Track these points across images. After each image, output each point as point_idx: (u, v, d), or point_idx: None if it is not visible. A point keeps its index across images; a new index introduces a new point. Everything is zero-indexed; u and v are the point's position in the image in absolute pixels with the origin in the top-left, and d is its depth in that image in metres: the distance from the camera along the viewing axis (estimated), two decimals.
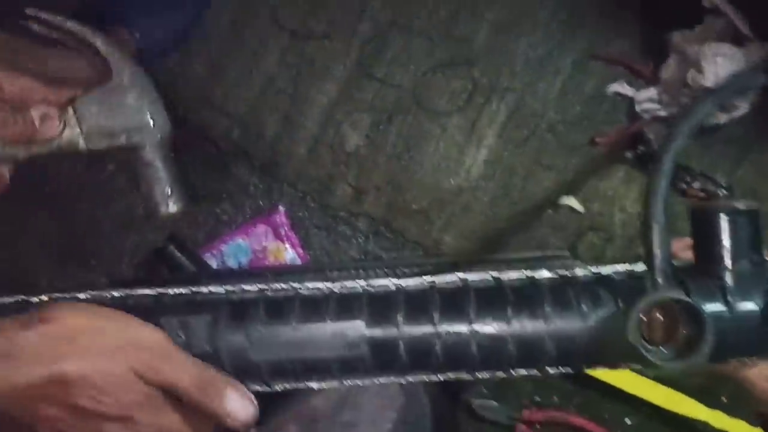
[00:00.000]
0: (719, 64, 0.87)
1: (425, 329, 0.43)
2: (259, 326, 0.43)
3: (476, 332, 0.43)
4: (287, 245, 1.01)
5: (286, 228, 1.01)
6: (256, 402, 0.46)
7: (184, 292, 0.46)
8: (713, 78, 0.87)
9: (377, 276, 0.46)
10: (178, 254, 0.97)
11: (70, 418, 0.44)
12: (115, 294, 0.46)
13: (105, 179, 1.03)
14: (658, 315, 0.40)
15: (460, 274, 0.45)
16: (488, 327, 0.43)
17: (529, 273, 0.46)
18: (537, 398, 1.04)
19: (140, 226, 1.02)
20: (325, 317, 0.44)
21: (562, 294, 0.43)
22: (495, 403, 1.02)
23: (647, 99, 0.95)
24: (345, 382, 0.48)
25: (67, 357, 0.44)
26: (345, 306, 0.44)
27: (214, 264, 1.01)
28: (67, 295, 0.46)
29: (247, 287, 0.45)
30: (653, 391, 1.02)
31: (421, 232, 1.00)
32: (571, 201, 0.98)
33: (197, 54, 1.00)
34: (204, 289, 0.45)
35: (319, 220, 1.01)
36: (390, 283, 0.46)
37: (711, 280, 0.43)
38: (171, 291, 0.46)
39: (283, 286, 0.45)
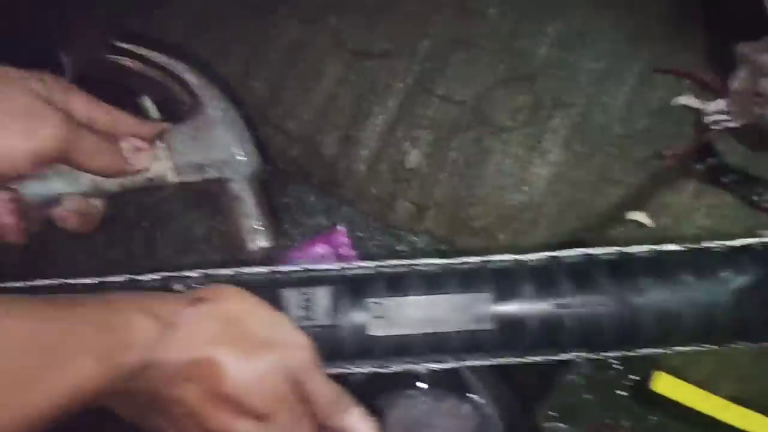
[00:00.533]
0: None
1: (554, 303, 0.41)
2: (380, 300, 0.42)
3: (607, 305, 0.41)
4: None
5: (346, 247, 0.99)
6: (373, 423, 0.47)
7: (298, 269, 0.45)
8: None
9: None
10: None
11: (209, 404, 0.44)
12: (229, 272, 0.45)
13: (161, 200, 1.03)
14: None
15: (584, 249, 0.43)
16: (620, 299, 0.41)
17: (655, 246, 0.44)
18: (606, 420, 1.01)
19: (198, 247, 1.01)
20: (449, 291, 0.42)
21: (699, 262, 0.41)
22: (564, 425, 0.98)
23: (716, 110, 0.93)
24: (464, 362, 0.46)
25: (224, 343, 0.44)
26: (469, 280, 0.42)
27: None
28: (195, 273, 0.46)
29: (364, 264, 0.44)
30: (726, 410, 0.98)
31: (484, 249, 0.98)
32: (639, 216, 0.96)
33: (256, 73, 1.00)
34: (319, 267, 0.44)
35: (380, 239, 1.00)
36: (511, 258, 0.44)
37: None
38: (285, 268, 0.45)
39: (400, 262, 0.44)
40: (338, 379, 0.47)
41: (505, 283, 0.42)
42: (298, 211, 1.01)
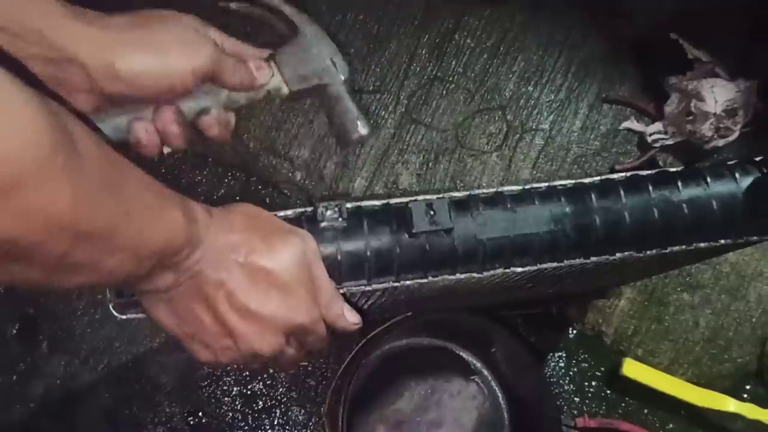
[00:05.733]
0: (716, 92, 1.05)
1: (615, 204, 0.54)
2: (482, 211, 0.53)
3: (657, 200, 0.53)
4: None
5: None
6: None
7: (406, 199, 0.55)
8: (713, 103, 1.05)
9: None
10: None
11: (246, 281, 0.51)
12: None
13: None
14: None
15: (629, 173, 0.56)
16: (666, 195, 0.54)
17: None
18: (584, 408, 1.12)
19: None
20: (534, 201, 0.54)
21: (718, 168, 0.55)
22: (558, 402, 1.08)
23: (655, 131, 1.12)
24: (543, 264, 0.56)
25: (255, 229, 0.53)
26: (547, 194, 0.54)
27: None
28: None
29: (456, 193, 0.55)
30: (689, 391, 1.11)
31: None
32: None
33: (262, 107, 1.12)
34: (420, 196, 0.55)
35: None
36: (571, 181, 0.57)
37: None
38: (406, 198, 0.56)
39: (488, 190, 0.55)
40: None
41: (574, 193, 0.55)
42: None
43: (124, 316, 0.56)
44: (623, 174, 0.58)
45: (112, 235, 0.41)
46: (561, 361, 1.15)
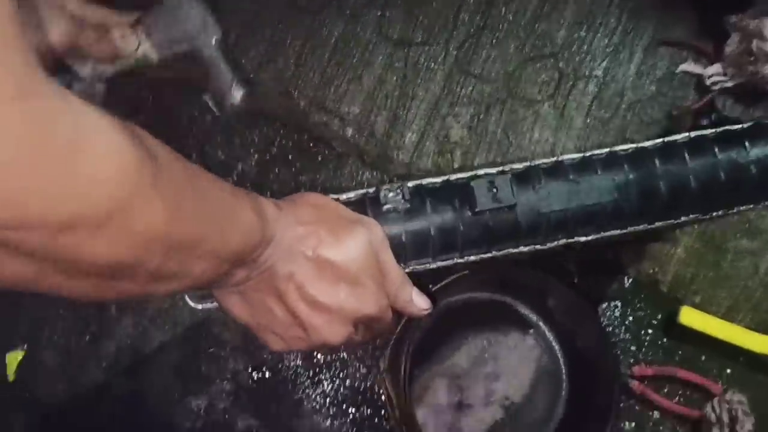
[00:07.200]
0: None
1: (680, 167, 0.53)
2: (544, 183, 0.53)
3: (723, 162, 0.52)
4: None
5: None
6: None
7: (467, 175, 0.55)
8: None
9: None
10: None
11: (314, 274, 0.52)
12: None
13: None
14: None
15: (692, 134, 0.55)
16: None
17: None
18: (640, 356, 1.13)
19: None
20: (597, 170, 0.53)
21: (760, 132, 0.54)
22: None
23: (714, 73, 1.09)
24: (606, 233, 0.56)
25: (323, 221, 0.53)
26: (608, 161, 0.54)
27: None
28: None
29: (516, 165, 0.55)
30: (746, 337, 1.10)
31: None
32: None
33: (310, 64, 1.12)
34: (481, 171, 0.55)
35: None
36: (633, 145, 0.55)
37: None
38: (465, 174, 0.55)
39: (548, 160, 0.55)
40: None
41: (636, 160, 0.53)
42: (354, 186, 1.11)
43: (199, 306, 0.57)
44: (686, 135, 0.57)
45: (200, 242, 0.42)
46: (617, 309, 1.14)
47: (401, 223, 0.55)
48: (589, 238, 0.55)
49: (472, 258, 0.54)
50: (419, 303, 0.57)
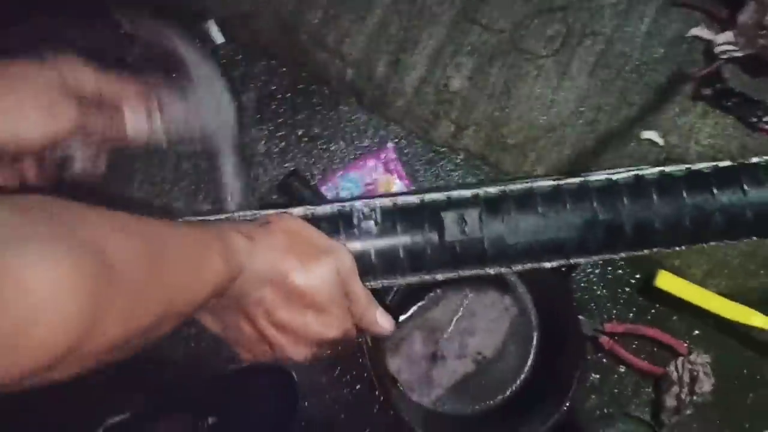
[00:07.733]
0: None
1: (647, 209, 0.54)
2: (513, 215, 0.54)
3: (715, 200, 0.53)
4: (396, 178, 1.11)
5: (394, 162, 1.11)
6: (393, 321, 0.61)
7: (440, 197, 0.56)
8: None
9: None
10: (300, 187, 1.07)
11: (282, 301, 0.55)
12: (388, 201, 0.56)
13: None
14: None
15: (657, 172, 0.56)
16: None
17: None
18: (614, 312, 1.17)
19: (260, 161, 1.12)
20: (567, 204, 0.54)
21: (728, 179, 0.54)
22: (581, 317, 1.14)
23: (725, 41, 1.06)
24: (572, 261, 0.58)
25: (293, 251, 0.55)
26: (579, 195, 0.55)
27: (329, 196, 1.11)
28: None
29: (490, 189, 0.56)
30: (717, 303, 1.14)
31: (515, 164, 1.11)
32: (652, 135, 1.09)
33: (313, 2, 1.09)
34: (455, 193, 0.56)
35: (423, 155, 1.12)
36: (605, 176, 0.56)
37: None
38: (437, 195, 0.57)
39: (521, 185, 0.56)
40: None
41: (605, 196, 0.54)
42: (352, 129, 1.12)
43: None
44: (654, 171, 0.57)
45: (170, 308, 0.44)
46: (597, 267, 1.17)
47: (372, 241, 0.57)
48: (554, 264, 0.57)
49: (440, 277, 0.57)
50: (383, 324, 0.60)
